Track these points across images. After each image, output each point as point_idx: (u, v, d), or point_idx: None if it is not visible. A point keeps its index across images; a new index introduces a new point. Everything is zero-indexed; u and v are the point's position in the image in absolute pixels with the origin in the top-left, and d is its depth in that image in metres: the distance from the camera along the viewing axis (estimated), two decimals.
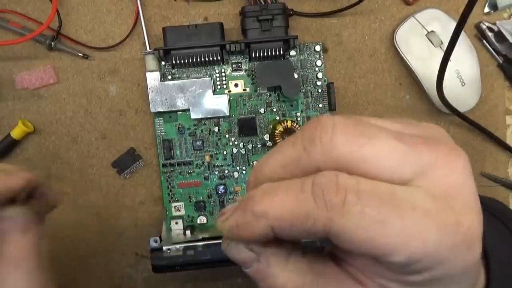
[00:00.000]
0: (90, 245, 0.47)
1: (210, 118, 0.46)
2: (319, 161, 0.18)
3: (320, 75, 0.46)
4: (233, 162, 0.47)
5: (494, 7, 0.47)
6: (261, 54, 0.44)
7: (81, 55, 0.46)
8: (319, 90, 0.47)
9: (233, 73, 0.46)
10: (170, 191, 0.47)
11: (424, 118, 0.48)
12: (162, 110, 0.45)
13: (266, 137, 0.45)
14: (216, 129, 0.46)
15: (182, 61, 0.44)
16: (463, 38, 0.46)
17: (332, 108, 0.46)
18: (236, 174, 0.47)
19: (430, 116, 0.48)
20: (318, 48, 0.46)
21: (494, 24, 0.47)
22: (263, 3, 0.44)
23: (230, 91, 0.46)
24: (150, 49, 0.45)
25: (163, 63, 0.46)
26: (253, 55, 0.44)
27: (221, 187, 0.47)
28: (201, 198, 0.47)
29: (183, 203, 0.47)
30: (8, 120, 0.47)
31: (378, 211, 0.16)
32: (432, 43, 0.45)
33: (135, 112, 0.47)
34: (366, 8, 0.47)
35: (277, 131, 0.43)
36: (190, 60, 0.44)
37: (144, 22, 0.46)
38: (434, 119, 0.48)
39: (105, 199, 0.47)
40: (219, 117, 0.46)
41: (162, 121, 0.46)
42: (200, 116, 0.45)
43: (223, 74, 0.46)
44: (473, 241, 0.17)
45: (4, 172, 0.26)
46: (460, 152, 0.18)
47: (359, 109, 0.48)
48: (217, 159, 0.47)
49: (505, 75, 0.48)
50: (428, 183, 0.17)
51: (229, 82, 0.46)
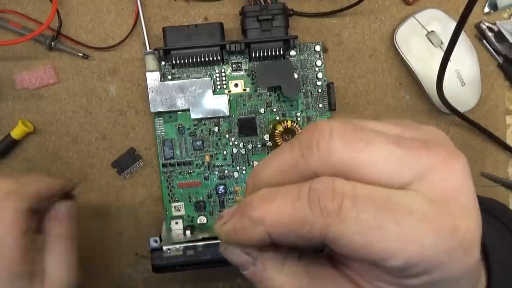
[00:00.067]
0: (90, 245, 0.47)
1: (210, 118, 0.46)
2: (317, 167, 0.18)
3: (320, 75, 0.46)
4: (233, 162, 0.47)
5: (494, 7, 0.47)
6: (261, 54, 0.44)
7: (81, 55, 0.46)
8: (319, 90, 0.47)
9: (233, 73, 0.46)
10: (170, 191, 0.47)
11: (424, 118, 0.48)
12: (162, 110, 0.45)
13: (266, 137, 0.45)
14: (216, 129, 0.46)
15: (182, 61, 0.44)
16: (463, 38, 0.46)
17: (332, 108, 0.46)
18: (236, 174, 0.47)
19: (430, 116, 0.48)
20: (318, 48, 0.46)
21: (494, 24, 0.47)
22: (263, 3, 0.44)
23: (230, 91, 0.46)
24: (150, 49, 0.45)
25: (163, 63, 0.46)
26: (253, 55, 0.44)
27: (221, 187, 0.47)
28: (201, 198, 0.47)
29: (183, 203, 0.47)
30: (8, 120, 0.47)
31: (375, 217, 0.16)
32: (432, 43, 0.45)
33: (135, 112, 0.47)
34: (366, 8, 0.47)
35: (277, 131, 0.43)
36: (190, 60, 0.44)
37: (144, 22, 0.46)
38: (434, 119, 0.48)
39: (105, 199, 0.48)
40: (219, 117, 0.46)
41: (162, 121, 0.46)
42: (200, 116, 0.45)
43: (223, 74, 0.46)
44: (471, 245, 0.17)
45: (49, 181, 0.36)
46: (459, 156, 0.18)
47: (359, 109, 0.48)
48: (217, 159, 0.47)
49: (505, 75, 0.48)
50: (426, 187, 0.17)
51: (229, 82, 0.46)
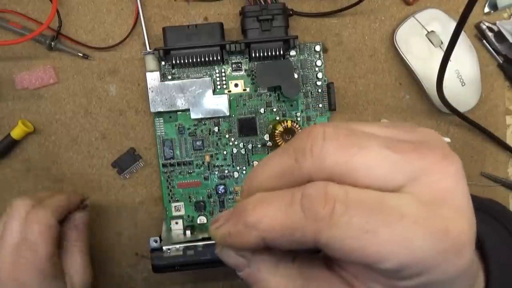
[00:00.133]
0: (90, 245, 0.47)
1: (210, 118, 0.46)
2: (311, 172, 0.18)
3: (320, 75, 0.46)
4: (233, 162, 0.47)
5: (494, 7, 0.47)
6: (261, 54, 0.44)
7: (81, 55, 0.46)
8: (319, 90, 0.47)
9: (233, 73, 0.46)
10: (170, 191, 0.47)
11: (424, 118, 0.48)
12: (162, 110, 0.45)
13: (266, 137, 0.45)
14: (216, 129, 0.46)
15: (182, 61, 0.44)
16: (463, 38, 0.46)
17: (332, 108, 0.46)
18: (236, 174, 0.47)
19: (430, 116, 0.48)
20: (318, 48, 0.46)
21: (494, 24, 0.47)
22: (263, 3, 0.44)
23: (230, 91, 0.46)
24: (150, 49, 0.45)
25: (163, 63, 0.46)
26: (253, 55, 0.44)
27: (221, 187, 0.47)
28: (201, 198, 0.47)
29: (183, 203, 0.47)
30: (8, 120, 0.47)
31: (367, 221, 0.17)
32: (432, 43, 0.45)
33: (135, 112, 0.47)
34: (366, 8, 0.47)
35: (277, 131, 0.43)
36: (190, 60, 0.44)
37: (144, 22, 0.46)
38: (434, 119, 0.48)
39: (105, 199, 0.48)
40: (219, 117, 0.46)
41: (162, 121, 0.46)
42: (200, 116, 0.45)
43: (223, 74, 0.46)
44: (463, 247, 0.17)
45: (68, 197, 0.42)
46: (453, 158, 0.18)
47: (359, 109, 0.48)
48: (217, 159, 0.47)
49: (505, 75, 0.48)
50: (419, 189, 0.17)
51: (229, 82, 0.46)
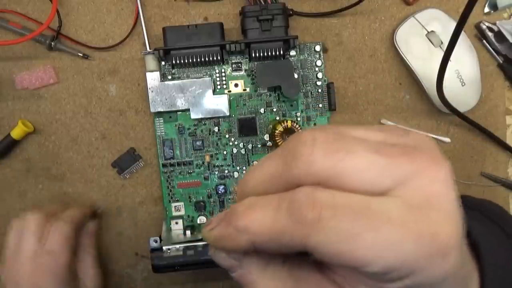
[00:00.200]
0: None
1: (210, 118, 0.46)
2: (300, 176, 0.18)
3: (320, 75, 0.46)
4: (233, 162, 0.47)
5: (494, 7, 0.47)
6: (261, 54, 0.44)
7: (81, 55, 0.46)
8: (319, 90, 0.47)
9: (233, 73, 0.46)
10: (170, 191, 0.47)
11: (424, 118, 0.48)
12: (162, 110, 0.45)
13: (266, 137, 0.45)
14: (216, 129, 0.46)
15: (182, 61, 0.44)
16: (463, 38, 0.46)
17: (332, 108, 0.46)
18: (236, 174, 0.47)
19: (430, 116, 0.48)
20: (318, 48, 0.46)
21: (494, 24, 0.47)
22: (263, 3, 0.44)
23: (230, 91, 0.46)
24: (150, 49, 0.45)
25: (163, 63, 0.46)
26: (253, 55, 0.44)
27: (221, 187, 0.47)
28: (201, 198, 0.47)
29: (183, 203, 0.47)
30: (8, 120, 0.47)
31: (353, 225, 0.17)
32: (432, 43, 0.45)
33: (135, 112, 0.47)
34: (366, 8, 0.47)
35: (277, 131, 0.43)
36: (190, 60, 0.44)
37: (144, 22, 0.46)
38: (434, 119, 0.48)
39: (105, 199, 0.48)
40: (219, 117, 0.46)
41: (162, 121, 0.46)
42: (200, 116, 0.45)
43: (223, 74, 0.46)
44: (450, 250, 0.17)
45: (84, 209, 0.45)
46: (443, 162, 0.18)
47: (359, 109, 0.48)
48: (217, 159, 0.47)
49: (505, 75, 0.48)
50: (407, 193, 0.18)
51: (229, 82, 0.46)
